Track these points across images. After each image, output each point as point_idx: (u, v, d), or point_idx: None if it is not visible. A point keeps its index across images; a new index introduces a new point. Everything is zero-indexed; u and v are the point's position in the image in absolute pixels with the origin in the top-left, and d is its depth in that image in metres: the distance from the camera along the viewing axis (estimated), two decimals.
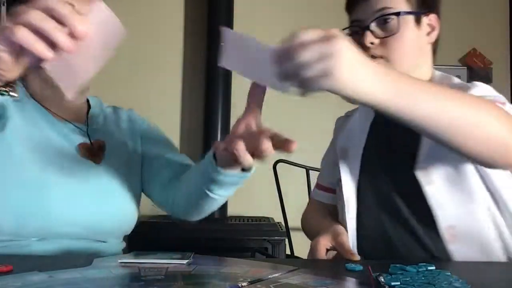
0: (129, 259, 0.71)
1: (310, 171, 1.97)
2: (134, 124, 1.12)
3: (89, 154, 0.98)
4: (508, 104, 0.87)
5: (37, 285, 0.57)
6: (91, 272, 0.64)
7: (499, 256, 0.90)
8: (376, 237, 0.99)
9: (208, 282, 0.59)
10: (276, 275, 0.62)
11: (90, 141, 1.00)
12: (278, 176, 2.03)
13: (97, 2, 0.64)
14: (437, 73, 1.02)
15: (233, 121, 2.98)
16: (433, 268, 0.65)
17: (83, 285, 0.57)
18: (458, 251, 0.90)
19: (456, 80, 1.00)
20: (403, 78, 0.70)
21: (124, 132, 1.09)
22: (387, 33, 0.93)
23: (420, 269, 0.64)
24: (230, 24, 2.58)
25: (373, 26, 0.94)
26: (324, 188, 1.21)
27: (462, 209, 0.90)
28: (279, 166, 2.04)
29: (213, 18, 2.58)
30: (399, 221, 0.96)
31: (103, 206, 0.94)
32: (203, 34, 2.63)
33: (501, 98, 0.88)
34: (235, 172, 0.81)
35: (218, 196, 0.89)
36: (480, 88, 0.91)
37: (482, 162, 0.80)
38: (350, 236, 0.99)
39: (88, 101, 1.10)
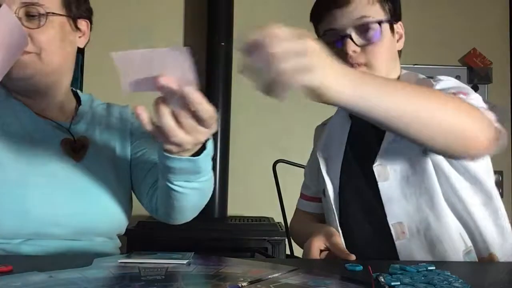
0: (129, 259, 0.71)
1: None
2: (125, 123, 1.08)
3: (71, 151, 0.96)
4: (472, 94, 0.89)
5: (37, 285, 0.56)
6: (91, 272, 0.64)
7: (456, 258, 0.91)
8: (361, 244, 0.99)
9: (208, 282, 0.59)
10: (276, 275, 0.62)
11: (73, 138, 0.97)
12: (278, 176, 2.03)
13: (4, 7, 0.63)
14: (404, 71, 1.05)
15: (233, 121, 2.97)
16: (433, 268, 0.65)
17: (83, 285, 0.57)
18: (405, 248, 0.91)
19: (421, 76, 1.03)
20: (366, 76, 0.73)
21: (114, 131, 1.06)
22: (369, 40, 0.95)
23: (420, 269, 0.64)
24: (230, 24, 2.59)
25: (354, 34, 0.95)
26: (309, 198, 1.22)
27: (411, 206, 0.92)
28: (279, 166, 2.04)
29: (213, 18, 2.58)
30: (381, 226, 0.96)
31: (83, 205, 0.92)
32: (203, 34, 2.63)
33: (465, 89, 0.90)
34: (184, 156, 0.77)
35: (181, 188, 0.85)
36: (444, 82, 0.93)
37: (441, 152, 0.82)
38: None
39: (79, 98, 1.08)
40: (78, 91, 1.11)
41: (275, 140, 2.71)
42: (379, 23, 0.95)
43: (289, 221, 2.02)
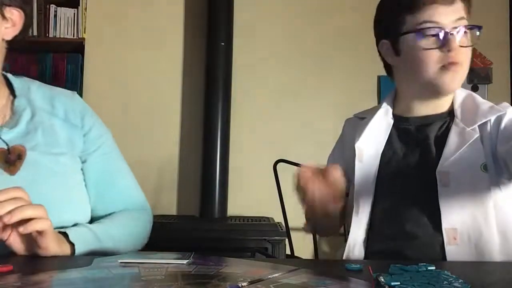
0: (129, 259, 0.71)
1: None
2: (72, 128, 0.94)
3: (4, 162, 0.83)
4: None
5: (37, 285, 0.57)
6: (91, 272, 0.64)
7: None
8: (394, 235, 0.97)
9: (208, 282, 0.59)
10: (276, 275, 0.62)
11: (8, 147, 0.84)
12: (278, 176, 2.03)
13: None
14: (462, 92, 1.03)
15: (233, 122, 2.96)
16: (433, 268, 0.65)
17: (83, 285, 0.57)
18: (453, 254, 0.91)
19: (480, 99, 1.01)
20: None
21: (59, 134, 0.91)
22: (468, 43, 0.98)
23: (420, 269, 0.64)
24: (230, 24, 2.59)
25: (459, 33, 0.97)
26: None
27: (467, 214, 0.92)
28: (279, 166, 2.04)
29: (213, 18, 2.58)
30: (431, 228, 0.95)
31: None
32: (203, 34, 2.63)
33: None
34: None
35: None
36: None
37: None
38: (360, 235, 0.99)
39: (12, 87, 0.92)
40: (9, 75, 0.95)
41: (275, 140, 2.71)
42: (480, 28, 0.98)
43: (289, 221, 2.03)
